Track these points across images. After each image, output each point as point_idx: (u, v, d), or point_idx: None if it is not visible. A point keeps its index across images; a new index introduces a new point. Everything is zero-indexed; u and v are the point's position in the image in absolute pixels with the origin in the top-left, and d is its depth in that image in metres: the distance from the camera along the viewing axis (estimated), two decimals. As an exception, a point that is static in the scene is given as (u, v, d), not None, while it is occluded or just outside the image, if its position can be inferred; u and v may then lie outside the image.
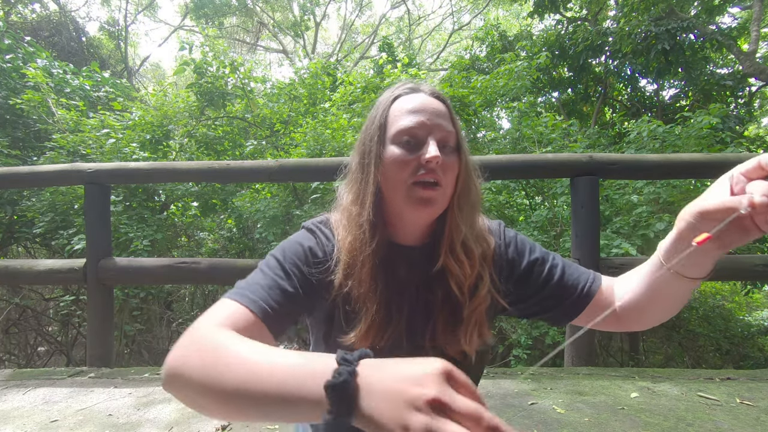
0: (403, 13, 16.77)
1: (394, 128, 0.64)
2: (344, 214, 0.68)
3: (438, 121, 0.64)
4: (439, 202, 0.63)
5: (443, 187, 0.63)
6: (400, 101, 0.66)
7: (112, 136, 4.00)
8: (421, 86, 0.68)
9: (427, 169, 0.61)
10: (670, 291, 0.59)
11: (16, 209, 3.94)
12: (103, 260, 2.23)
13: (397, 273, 0.68)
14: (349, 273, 0.65)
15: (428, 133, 0.63)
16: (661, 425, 1.47)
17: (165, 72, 16.47)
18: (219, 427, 1.50)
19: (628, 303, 0.64)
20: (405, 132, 0.63)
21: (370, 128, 0.67)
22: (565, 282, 0.70)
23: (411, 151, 0.63)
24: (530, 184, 3.81)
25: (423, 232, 0.70)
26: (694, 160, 2.15)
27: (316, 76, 5.75)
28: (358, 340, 0.64)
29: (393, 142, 0.64)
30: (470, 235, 0.67)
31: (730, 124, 4.82)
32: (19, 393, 1.83)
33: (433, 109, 0.64)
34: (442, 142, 0.63)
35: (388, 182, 0.64)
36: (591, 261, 2.07)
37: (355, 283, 0.65)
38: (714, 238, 0.45)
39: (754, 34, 5.59)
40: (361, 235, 0.65)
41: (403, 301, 0.68)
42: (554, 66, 6.70)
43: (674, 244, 0.53)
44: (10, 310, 4.07)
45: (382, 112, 0.66)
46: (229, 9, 13.15)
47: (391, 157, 0.63)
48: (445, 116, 0.65)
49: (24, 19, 8.12)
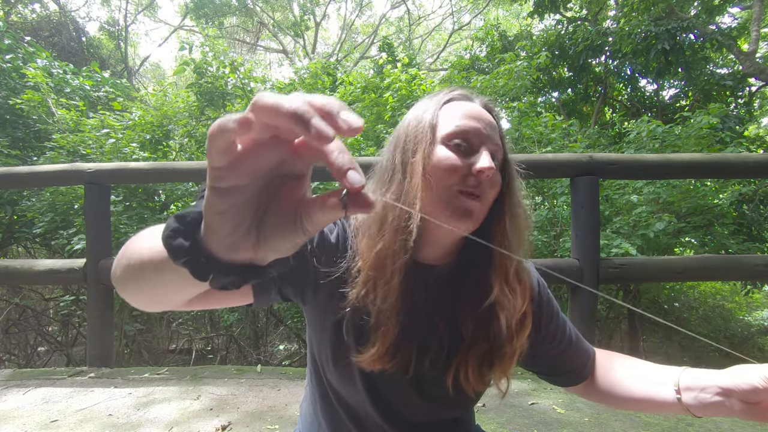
0: (403, 13, 16.78)
1: (447, 128, 0.59)
2: (375, 218, 0.60)
3: (491, 133, 0.60)
4: (478, 216, 0.58)
5: (483, 204, 0.58)
6: (453, 105, 0.62)
7: (112, 136, 4.00)
8: (474, 95, 0.65)
9: (477, 181, 0.57)
10: (663, 409, 0.61)
11: (16, 209, 3.94)
12: (103, 260, 2.23)
13: (413, 292, 0.61)
14: (374, 285, 0.58)
15: (482, 142, 0.58)
16: (661, 425, 1.47)
17: (165, 72, 16.47)
18: (219, 427, 1.50)
19: (615, 393, 0.67)
20: (460, 134, 0.58)
21: (416, 126, 0.60)
22: (570, 355, 0.70)
23: (462, 156, 0.57)
24: (530, 184, 3.81)
25: (445, 250, 0.63)
26: (694, 160, 2.15)
27: (316, 76, 5.75)
28: (371, 362, 0.58)
29: (443, 142, 0.58)
30: (521, 262, 0.62)
31: (730, 124, 4.82)
32: (19, 393, 1.83)
33: (489, 120, 0.61)
34: (492, 155, 0.59)
35: (430, 185, 0.57)
36: (591, 261, 2.07)
37: (378, 297, 0.58)
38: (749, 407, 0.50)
39: (754, 34, 5.60)
40: (400, 242, 0.57)
41: (416, 326, 0.62)
42: (554, 66, 6.70)
43: (706, 392, 0.54)
44: (10, 310, 4.07)
45: (433, 111, 0.61)
46: (229, 9, 13.15)
47: (442, 158, 0.57)
48: (497, 130, 0.61)
49: (24, 19, 8.12)
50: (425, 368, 0.62)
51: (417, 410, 0.66)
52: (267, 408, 1.67)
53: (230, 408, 1.66)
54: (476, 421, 0.80)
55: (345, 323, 0.61)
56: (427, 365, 0.62)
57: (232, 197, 0.28)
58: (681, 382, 0.57)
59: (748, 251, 3.21)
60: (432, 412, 0.66)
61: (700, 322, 4.38)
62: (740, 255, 2.89)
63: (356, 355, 0.60)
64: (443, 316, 0.64)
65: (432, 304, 0.64)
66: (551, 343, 0.69)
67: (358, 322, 0.60)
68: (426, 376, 0.63)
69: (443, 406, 0.65)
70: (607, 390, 0.69)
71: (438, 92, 0.65)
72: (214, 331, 4.71)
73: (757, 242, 3.52)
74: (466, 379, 0.61)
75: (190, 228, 0.31)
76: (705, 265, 2.14)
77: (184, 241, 0.30)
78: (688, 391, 0.56)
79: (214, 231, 0.29)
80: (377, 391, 0.63)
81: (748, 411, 0.50)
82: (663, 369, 0.62)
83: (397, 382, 0.63)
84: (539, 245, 3.25)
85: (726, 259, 2.24)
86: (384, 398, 0.64)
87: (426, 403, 0.64)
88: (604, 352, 0.74)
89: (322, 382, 0.68)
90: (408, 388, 0.63)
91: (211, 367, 2.19)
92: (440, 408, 0.66)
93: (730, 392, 0.51)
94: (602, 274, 2.06)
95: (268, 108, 0.24)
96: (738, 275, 2.36)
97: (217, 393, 1.80)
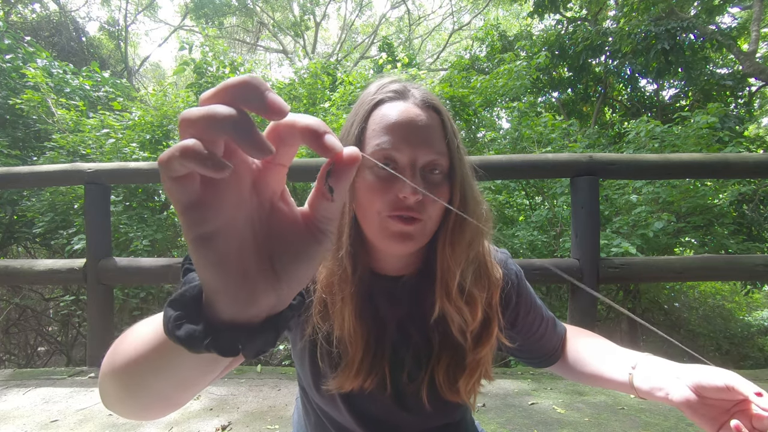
0: (403, 13, 16.78)
1: (370, 148, 0.53)
2: None
3: (425, 142, 0.53)
4: (417, 237, 0.53)
5: (424, 221, 0.53)
6: (383, 109, 0.55)
7: (111, 136, 4.00)
8: (411, 90, 0.56)
9: (405, 206, 0.52)
10: (612, 386, 0.61)
11: (16, 209, 3.94)
12: (103, 260, 2.23)
13: (377, 306, 0.60)
14: (326, 313, 0.58)
15: (410, 159, 0.52)
16: (661, 425, 1.47)
17: (165, 72, 16.47)
18: (219, 427, 1.50)
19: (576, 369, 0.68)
20: (380, 158, 0.52)
21: (345, 138, 0.56)
22: (546, 341, 0.71)
23: (388, 180, 0.52)
24: (530, 184, 3.81)
25: (405, 261, 0.60)
26: (694, 160, 2.15)
27: (316, 76, 5.75)
28: (345, 384, 0.57)
29: (369, 166, 0.53)
30: (469, 275, 0.57)
31: (730, 124, 4.82)
32: (19, 393, 1.83)
33: (422, 124, 0.53)
34: (429, 166, 0.53)
35: (361, 211, 0.55)
36: (591, 261, 2.07)
37: (336, 324, 0.57)
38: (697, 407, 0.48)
39: (754, 34, 5.60)
40: (340, 270, 0.55)
41: (386, 340, 0.60)
42: (554, 66, 6.70)
43: (654, 389, 0.53)
44: (10, 310, 4.07)
45: (361, 120, 0.55)
46: (229, 9, 13.15)
47: (364, 185, 0.53)
48: (437, 133, 0.54)
49: (24, 19, 8.12)
50: (403, 382, 0.61)
51: (405, 424, 0.65)
52: (267, 408, 1.67)
53: (230, 408, 1.66)
54: (476, 420, 0.80)
55: (318, 349, 0.59)
56: (405, 379, 0.61)
57: (222, 239, 0.23)
58: (638, 365, 0.56)
59: (748, 251, 3.21)
60: (421, 423, 0.65)
61: (700, 322, 4.38)
62: (740, 255, 2.89)
63: (331, 380, 0.58)
64: (415, 327, 0.61)
65: (401, 316, 0.61)
66: (528, 332, 0.69)
67: (328, 347, 0.59)
68: (405, 389, 0.61)
69: (429, 417, 0.64)
70: (572, 366, 0.70)
71: (373, 86, 0.58)
72: (214, 331, 4.71)
73: (757, 242, 3.52)
74: (441, 389, 0.60)
75: (193, 306, 0.27)
76: (705, 265, 2.14)
77: (194, 326, 0.25)
78: (640, 373, 0.55)
79: (221, 292, 0.25)
80: (362, 411, 0.62)
81: (690, 405, 0.48)
82: (623, 351, 0.62)
83: (378, 399, 0.61)
84: (539, 245, 3.25)
85: (726, 259, 2.24)
86: (370, 416, 0.63)
87: (412, 416, 0.63)
88: (572, 329, 0.75)
89: (311, 403, 0.68)
90: (390, 404, 0.62)
91: (211, 367, 2.19)
92: (428, 419, 0.65)
93: (682, 382, 0.50)
94: (602, 274, 2.06)
95: (201, 119, 0.20)
96: (738, 275, 2.36)
97: (217, 393, 1.80)
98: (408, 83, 0.58)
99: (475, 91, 4.58)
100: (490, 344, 0.60)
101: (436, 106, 0.56)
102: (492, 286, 0.61)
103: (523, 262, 2.18)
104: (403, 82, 0.58)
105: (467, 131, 4.68)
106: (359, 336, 0.57)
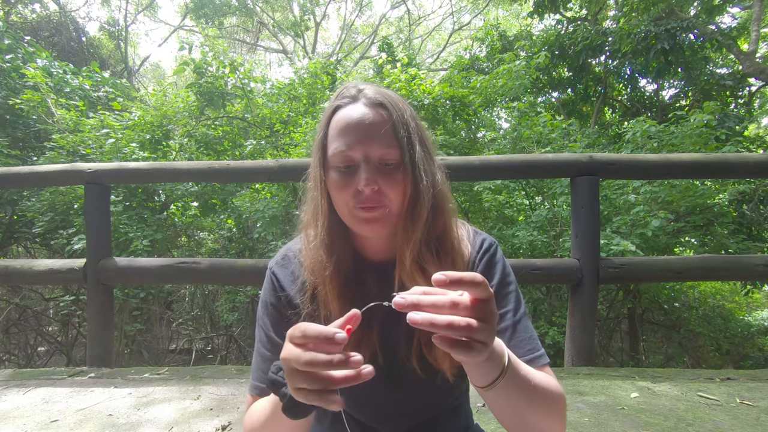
0: (403, 13, 16.79)
1: (331, 151, 0.62)
2: (306, 235, 0.69)
3: (373, 139, 0.59)
4: (383, 220, 0.61)
5: (387, 206, 0.60)
6: (340, 114, 0.62)
7: (111, 136, 4.00)
8: (364, 91, 0.63)
9: (364, 197, 0.59)
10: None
11: (16, 209, 3.95)
12: (103, 260, 2.23)
13: (368, 289, 0.67)
14: (313, 295, 0.65)
15: (363, 155, 0.59)
16: (661, 425, 1.47)
17: (165, 72, 16.48)
18: (219, 427, 1.50)
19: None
20: (339, 157, 0.60)
21: (316, 145, 0.65)
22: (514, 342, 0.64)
23: (349, 176, 0.60)
24: (530, 184, 3.81)
25: (386, 247, 0.67)
26: (694, 160, 2.15)
27: (316, 76, 5.75)
28: None
29: (332, 165, 0.62)
30: (426, 253, 0.63)
31: (729, 124, 4.82)
32: (19, 393, 1.83)
33: (371, 123, 0.60)
34: (382, 159, 0.60)
35: (335, 204, 0.64)
36: (591, 261, 2.07)
37: (321, 304, 0.64)
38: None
39: (754, 34, 5.60)
40: (319, 257, 0.64)
41: (374, 318, 0.64)
42: (554, 66, 6.70)
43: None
44: (10, 310, 4.07)
45: (324, 126, 0.64)
46: (229, 9, 13.15)
47: (332, 182, 0.62)
48: (386, 128, 0.60)
49: (24, 19, 8.12)
50: (397, 358, 0.65)
51: (402, 403, 0.67)
52: (267, 408, 1.66)
53: (230, 408, 1.66)
54: (476, 420, 0.80)
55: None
56: (399, 354, 0.65)
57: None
58: None
59: (748, 251, 3.21)
60: (417, 400, 0.67)
61: (700, 322, 4.38)
62: (740, 255, 2.89)
63: None
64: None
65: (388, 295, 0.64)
66: None
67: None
68: (398, 365, 0.65)
69: (425, 392, 0.67)
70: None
71: (336, 93, 0.66)
72: (214, 331, 4.72)
73: (757, 242, 3.52)
74: (429, 355, 0.63)
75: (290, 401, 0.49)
76: (705, 265, 2.14)
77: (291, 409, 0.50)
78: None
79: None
80: (357, 398, 0.63)
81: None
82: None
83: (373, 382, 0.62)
84: (539, 245, 3.25)
85: (726, 259, 2.25)
86: (369, 403, 0.67)
87: (407, 392, 0.66)
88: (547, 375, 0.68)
89: None
90: (385, 382, 0.64)
91: (211, 367, 2.19)
92: (424, 395, 0.67)
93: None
94: (602, 274, 2.06)
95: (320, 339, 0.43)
96: (738, 275, 2.37)
97: (217, 393, 1.80)
98: (366, 85, 0.65)
99: (475, 91, 4.58)
100: None
101: (383, 103, 0.62)
102: (458, 261, 0.66)
103: (523, 262, 2.18)
104: (361, 86, 0.65)
105: (467, 131, 4.68)
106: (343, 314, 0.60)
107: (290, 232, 4.07)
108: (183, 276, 2.35)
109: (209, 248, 4.86)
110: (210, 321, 4.79)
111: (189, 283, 4.52)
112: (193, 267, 2.21)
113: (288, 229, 4.02)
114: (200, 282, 3.94)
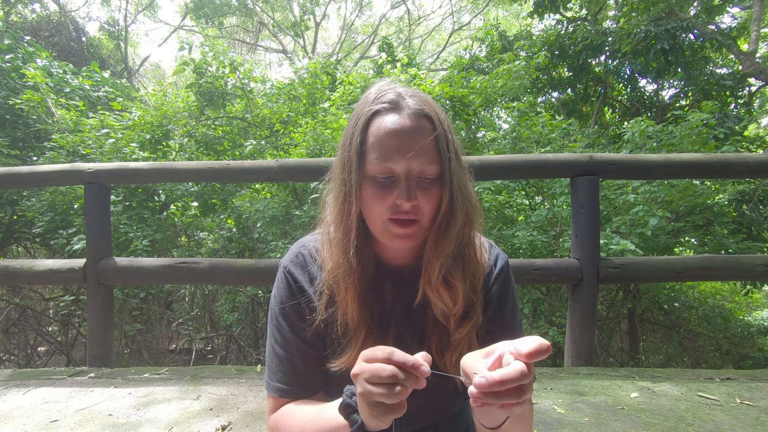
0: (403, 13, 16.79)
1: (370, 160, 0.60)
2: (327, 235, 0.67)
3: (416, 153, 0.58)
4: (415, 235, 0.61)
5: (420, 221, 0.60)
6: (379, 121, 0.60)
7: (111, 136, 4.00)
8: (406, 100, 0.61)
9: (401, 210, 0.59)
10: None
11: (16, 209, 3.94)
12: (103, 260, 2.23)
13: (384, 294, 0.67)
14: (332, 299, 0.65)
15: (405, 169, 0.58)
16: (661, 425, 1.47)
17: (165, 72, 16.48)
18: (219, 427, 1.50)
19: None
20: (379, 168, 0.59)
21: (348, 145, 0.62)
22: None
23: (387, 188, 0.59)
24: (530, 184, 3.81)
25: (411, 254, 0.68)
26: (694, 160, 2.15)
27: (316, 76, 5.75)
28: (350, 361, 0.63)
29: (370, 174, 0.60)
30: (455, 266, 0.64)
31: (729, 123, 4.82)
32: (19, 393, 1.83)
33: (415, 136, 0.58)
34: (422, 174, 0.59)
35: (366, 212, 0.62)
36: (591, 261, 2.07)
37: (340, 308, 0.64)
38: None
39: (754, 34, 5.59)
40: (346, 262, 0.63)
41: (390, 323, 0.67)
42: (554, 66, 6.70)
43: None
44: (10, 310, 4.07)
45: (361, 130, 0.61)
46: (229, 9, 13.14)
47: (368, 192, 0.60)
48: (429, 143, 0.59)
49: (24, 19, 8.12)
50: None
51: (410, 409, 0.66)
52: (267, 408, 1.66)
53: (230, 408, 1.66)
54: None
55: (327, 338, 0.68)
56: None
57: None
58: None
59: (747, 251, 3.21)
60: (425, 406, 0.67)
61: (700, 322, 4.38)
62: (740, 255, 2.89)
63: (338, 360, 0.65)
64: (417, 310, 0.68)
65: (405, 303, 0.68)
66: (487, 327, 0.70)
67: (335, 333, 0.66)
68: None
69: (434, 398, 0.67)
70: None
71: (372, 92, 0.64)
72: (214, 331, 4.71)
73: (756, 242, 3.51)
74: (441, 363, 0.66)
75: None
76: (705, 265, 2.14)
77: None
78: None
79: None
80: None
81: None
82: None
83: None
84: (539, 245, 3.25)
85: (726, 259, 2.24)
86: None
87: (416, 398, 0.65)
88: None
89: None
90: None
91: (211, 367, 2.19)
92: (434, 401, 0.67)
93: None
94: (602, 274, 2.06)
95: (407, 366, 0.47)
96: (738, 275, 2.36)
97: (217, 393, 1.80)
98: (404, 90, 0.63)
99: (474, 91, 4.58)
100: (472, 323, 0.66)
101: (429, 115, 0.61)
102: (478, 273, 0.68)
103: (523, 262, 2.18)
104: (399, 90, 0.63)
105: (467, 131, 4.68)
106: (362, 319, 0.64)
107: (290, 232, 4.08)
108: (183, 276, 2.35)
109: (209, 248, 4.86)
110: (210, 321, 4.79)
111: (189, 283, 4.52)
112: (193, 267, 2.21)
113: (288, 229, 4.02)
114: (200, 282, 3.93)
